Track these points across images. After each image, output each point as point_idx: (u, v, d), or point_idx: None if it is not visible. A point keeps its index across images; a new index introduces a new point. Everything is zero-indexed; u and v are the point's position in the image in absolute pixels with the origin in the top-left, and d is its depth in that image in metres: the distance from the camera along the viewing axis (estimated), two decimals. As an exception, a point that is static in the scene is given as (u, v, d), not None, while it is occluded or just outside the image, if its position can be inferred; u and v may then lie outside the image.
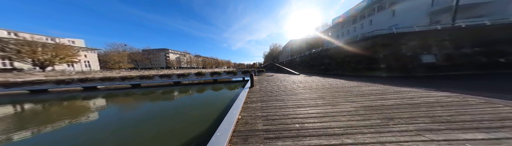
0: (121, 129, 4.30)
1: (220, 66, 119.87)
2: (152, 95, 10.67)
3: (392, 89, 4.64)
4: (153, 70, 41.34)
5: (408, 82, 7.01)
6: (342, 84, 6.25)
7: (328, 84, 6.46)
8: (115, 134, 3.97)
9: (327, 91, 4.71)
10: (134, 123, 4.84)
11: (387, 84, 5.72)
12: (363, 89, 4.77)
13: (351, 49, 12.89)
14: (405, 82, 7.25)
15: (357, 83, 6.34)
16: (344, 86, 5.54)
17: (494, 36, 10.94)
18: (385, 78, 9.41)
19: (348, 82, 6.68)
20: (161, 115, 5.72)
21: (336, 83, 6.53)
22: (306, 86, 5.98)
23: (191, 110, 6.40)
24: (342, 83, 6.58)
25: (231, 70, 17.36)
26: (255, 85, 6.95)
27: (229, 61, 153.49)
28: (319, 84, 6.43)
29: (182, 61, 75.04)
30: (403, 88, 4.65)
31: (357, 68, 12.22)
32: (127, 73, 28.26)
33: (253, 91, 5.31)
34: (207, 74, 16.91)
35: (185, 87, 14.10)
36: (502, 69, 10.44)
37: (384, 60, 10.39)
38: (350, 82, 6.80)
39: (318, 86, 5.84)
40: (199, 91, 12.10)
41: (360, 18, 24.31)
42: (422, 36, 10.72)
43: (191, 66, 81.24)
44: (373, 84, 5.75)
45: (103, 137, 3.77)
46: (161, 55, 66.34)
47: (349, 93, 4.32)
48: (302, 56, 24.75)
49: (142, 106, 7.74)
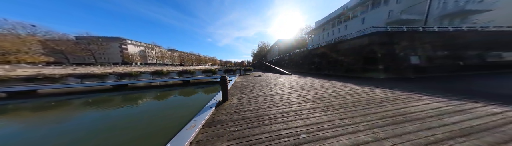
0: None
1: (202, 64, 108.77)
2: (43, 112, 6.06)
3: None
4: (94, 67, 32.04)
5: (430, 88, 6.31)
6: (364, 92, 4.59)
7: (345, 92, 4.67)
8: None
9: (356, 109, 2.93)
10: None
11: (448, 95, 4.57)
12: (419, 106, 3.36)
13: (345, 48, 12.34)
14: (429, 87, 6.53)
15: (380, 89, 5.01)
16: (374, 97, 3.91)
17: (456, 41, 12.42)
18: (387, 80, 8.79)
19: (363, 88, 5.20)
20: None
21: (354, 90, 4.84)
22: (316, 98, 3.93)
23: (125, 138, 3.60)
24: (359, 89, 5.00)
25: (209, 69, 14.36)
26: (233, 95, 4.55)
27: (214, 58, 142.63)
28: (333, 94, 4.41)
29: (149, 56, 62.00)
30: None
31: (351, 69, 11.64)
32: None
33: (224, 112, 2.90)
34: (172, 73, 13.25)
35: (132, 93, 10.04)
36: (464, 72, 11.85)
37: (382, 60, 10.01)
38: (363, 87, 5.45)
39: (334, 99, 3.76)
40: (158, 97, 8.84)
41: (338, 23, 27.04)
42: (410, 36, 10.99)
43: (163, 63, 68.87)
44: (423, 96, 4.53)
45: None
46: (114, 47, 50.85)
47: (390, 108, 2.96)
48: (291, 55, 24.04)
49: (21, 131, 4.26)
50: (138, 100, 8.04)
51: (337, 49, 13.22)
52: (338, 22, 26.92)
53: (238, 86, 6.31)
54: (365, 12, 22.62)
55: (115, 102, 7.65)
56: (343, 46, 12.64)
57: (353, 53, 11.73)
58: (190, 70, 13.66)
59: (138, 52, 57.11)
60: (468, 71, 11.77)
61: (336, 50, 13.27)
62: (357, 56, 11.35)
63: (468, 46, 12.51)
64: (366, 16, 22.54)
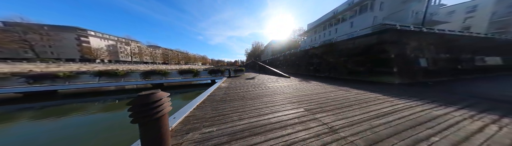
0: None
1: (191, 62, 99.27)
2: None
3: None
4: (30, 63, 24.75)
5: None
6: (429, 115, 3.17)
7: (396, 114, 2.84)
8: None
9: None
10: None
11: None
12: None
13: (348, 47, 10.87)
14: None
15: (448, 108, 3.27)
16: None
17: (453, 44, 12.11)
18: (406, 86, 7.18)
19: (411, 103, 3.63)
20: None
21: (404, 109, 3.35)
22: (364, 135, 1.77)
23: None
24: (410, 107, 3.58)
25: (189, 69, 11.45)
26: (198, 122, 2.27)
27: (205, 56, 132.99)
28: (381, 120, 2.44)
29: (122, 52, 52.97)
30: None
31: (356, 72, 10.16)
32: None
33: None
34: (133, 74, 9.91)
35: (56, 104, 6.60)
36: (462, 75, 11.45)
37: (395, 62, 8.66)
38: (410, 101, 3.78)
39: (400, 135, 1.78)
40: (111, 108, 5.99)
41: (329, 26, 27.94)
42: (417, 36, 10.03)
43: (142, 61, 59.82)
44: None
45: None
46: (68, 39, 40.95)
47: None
48: (286, 55, 22.63)
49: None
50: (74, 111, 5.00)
51: (339, 49, 11.75)
52: (329, 25, 27.52)
53: (216, 99, 3.90)
54: (354, 17, 23.30)
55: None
56: (346, 45, 11.20)
57: (358, 53, 10.30)
58: (161, 70, 10.54)
59: (106, 47, 48.21)
60: (466, 75, 11.39)
61: (338, 50, 11.80)
62: (363, 57, 9.92)
63: (462, 49, 12.31)
64: (354, 21, 23.47)
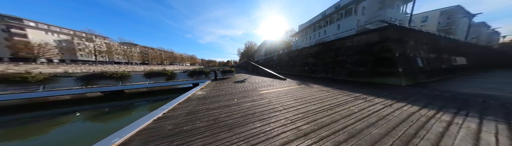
0: None
1: (178, 63, 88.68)
2: None
3: None
4: None
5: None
6: None
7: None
8: None
9: None
10: None
11: None
12: None
13: (346, 46, 10.09)
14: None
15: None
16: None
17: (437, 44, 12.50)
18: (417, 89, 6.33)
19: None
20: None
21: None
22: None
23: None
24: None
25: (160, 71, 9.12)
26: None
27: (194, 56, 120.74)
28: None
29: (81, 49, 43.75)
30: None
31: (356, 72, 9.39)
32: None
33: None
34: (66, 79, 7.10)
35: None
36: (446, 75, 11.78)
37: (400, 61, 8.04)
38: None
39: None
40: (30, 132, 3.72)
41: (318, 28, 28.46)
42: (414, 35, 9.77)
43: (111, 61, 51.19)
44: None
45: None
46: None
47: None
48: (280, 55, 21.80)
49: None
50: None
51: (337, 47, 10.94)
52: (318, 27, 28.18)
53: (164, 127, 2.24)
54: (340, 20, 24.03)
55: None
56: (344, 44, 10.42)
57: (358, 52, 9.56)
58: (115, 73, 7.82)
59: (55, 42, 39.50)
60: (448, 74, 11.70)
61: (335, 49, 10.99)
62: (364, 56, 9.20)
63: (442, 50, 12.79)
64: (341, 23, 23.93)
